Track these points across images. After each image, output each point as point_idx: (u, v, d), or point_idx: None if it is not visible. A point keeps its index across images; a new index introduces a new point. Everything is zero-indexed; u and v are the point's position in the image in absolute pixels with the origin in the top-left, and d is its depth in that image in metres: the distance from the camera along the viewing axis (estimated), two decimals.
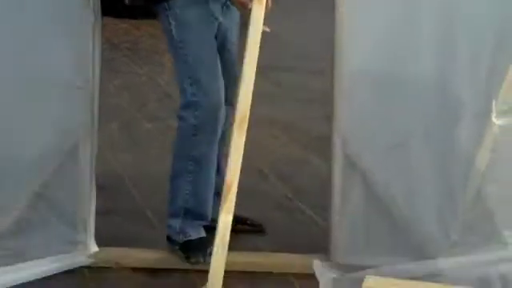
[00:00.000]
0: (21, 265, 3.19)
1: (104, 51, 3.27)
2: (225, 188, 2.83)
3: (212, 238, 3.02)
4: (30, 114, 3.23)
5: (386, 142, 3.24)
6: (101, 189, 3.35)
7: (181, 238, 3.40)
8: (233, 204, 2.81)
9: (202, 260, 3.30)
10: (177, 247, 3.39)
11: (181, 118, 3.29)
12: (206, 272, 2.94)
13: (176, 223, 3.40)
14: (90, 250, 3.31)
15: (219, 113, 3.26)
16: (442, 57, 3.16)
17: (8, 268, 3.17)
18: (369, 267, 3.19)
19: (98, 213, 3.32)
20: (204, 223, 3.45)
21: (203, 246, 3.34)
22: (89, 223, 3.31)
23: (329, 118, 3.28)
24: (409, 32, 3.16)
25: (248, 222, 3.64)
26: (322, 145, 3.38)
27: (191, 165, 3.36)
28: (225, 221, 2.80)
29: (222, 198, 2.86)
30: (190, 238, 3.40)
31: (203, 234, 3.43)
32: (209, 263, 3.01)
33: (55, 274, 3.19)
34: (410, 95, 3.21)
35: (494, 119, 3.13)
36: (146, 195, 3.50)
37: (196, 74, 3.24)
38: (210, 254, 3.13)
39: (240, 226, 3.51)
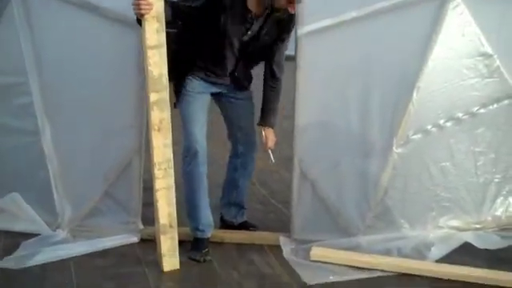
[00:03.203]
0: (94, 239, 3.41)
1: None
2: None
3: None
4: (103, 142, 3.47)
5: (325, 161, 3.47)
6: (146, 188, 3.47)
7: (192, 235, 3.39)
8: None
9: (197, 258, 3.27)
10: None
11: None
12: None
13: (189, 222, 3.39)
14: (138, 227, 3.52)
15: (196, 147, 3.23)
16: (361, 113, 3.39)
17: (86, 241, 3.39)
18: (314, 241, 3.43)
19: (143, 204, 3.53)
20: (200, 226, 3.35)
21: (201, 246, 3.33)
22: (138, 210, 3.53)
23: (291, 146, 3.47)
24: (340, 96, 3.39)
25: (251, 225, 3.67)
26: (288, 163, 3.52)
27: (184, 176, 3.31)
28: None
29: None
30: (195, 237, 3.39)
31: (205, 235, 3.37)
32: (206, 260, 3.25)
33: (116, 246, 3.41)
34: (341, 136, 3.43)
35: (394, 149, 3.40)
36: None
37: (184, 125, 3.28)
38: (206, 253, 3.29)
39: (250, 228, 3.63)
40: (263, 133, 3.54)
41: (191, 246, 3.36)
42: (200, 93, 3.35)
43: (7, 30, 3.51)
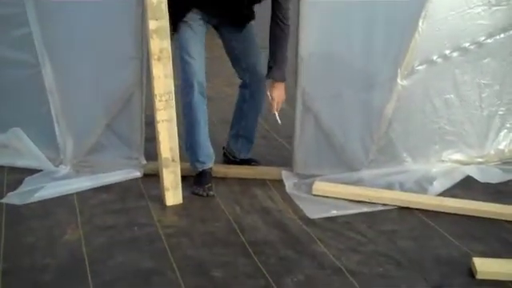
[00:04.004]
0: (98, 174, 3.41)
1: None
2: None
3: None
4: (104, 74, 3.39)
5: (328, 93, 3.41)
6: (148, 123, 3.47)
7: (194, 170, 3.37)
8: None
9: (200, 192, 3.27)
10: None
11: None
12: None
13: (189, 156, 3.37)
14: (141, 162, 3.52)
15: (193, 79, 3.17)
16: (366, 44, 3.31)
17: (89, 177, 3.40)
18: (317, 176, 3.44)
19: (146, 139, 3.52)
20: (200, 158, 3.33)
21: (204, 181, 3.31)
22: (140, 145, 3.52)
23: (294, 79, 3.44)
24: (344, 27, 3.31)
25: (254, 160, 3.66)
26: (290, 96, 3.45)
27: (184, 108, 3.26)
28: None
29: None
30: (197, 171, 3.36)
31: (206, 166, 3.35)
32: (209, 194, 3.25)
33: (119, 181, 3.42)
34: (344, 67, 3.36)
35: (398, 81, 3.34)
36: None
37: (182, 55, 3.20)
38: (209, 188, 3.28)
39: (253, 163, 3.63)
40: (271, 94, 3.33)
41: (194, 180, 3.36)
42: (199, 24, 3.25)
43: None
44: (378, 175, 3.45)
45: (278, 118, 3.37)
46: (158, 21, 2.95)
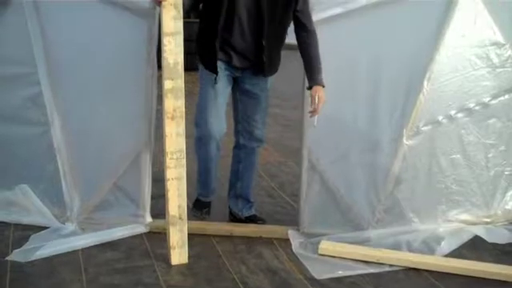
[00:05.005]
0: (103, 231, 3.40)
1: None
2: None
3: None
4: (112, 133, 3.43)
5: (334, 154, 3.44)
6: (154, 181, 3.52)
7: (197, 196, 3.61)
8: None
9: (197, 215, 3.55)
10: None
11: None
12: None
13: (198, 186, 3.59)
14: (146, 220, 3.50)
15: (208, 135, 3.32)
16: (371, 104, 3.38)
17: (94, 233, 3.38)
18: (323, 235, 3.42)
19: (152, 196, 3.52)
20: (204, 192, 3.56)
21: (202, 206, 3.58)
22: (146, 203, 3.50)
23: (300, 137, 3.48)
24: (349, 88, 3.37)
25: (259, 219, 3.65)
26: (296, 154, 3.47)
27: (198, 157, 3.44)
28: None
29: None
30: (198, 198, 3.60)
31: (206, 199, 3.59)
32: (204, 217, 3.51)
33: (124, 237, 3.41)
34: (350, 127, 3.41)
35: (404, 141, 3.38)
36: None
37: (199, 109, 3.33)
38: (206, 212, 3.58)
39: (259, 221, 3.61)
40: (313, 95, 3.23)
41: (193, 204, 3.59)
42: (222, 83, 3.31)
43: (15, 18, 3.47)
44: (384, 235, 3.43)
45: (316, 121, 3.29)
46: (174, 81, 3.03)
